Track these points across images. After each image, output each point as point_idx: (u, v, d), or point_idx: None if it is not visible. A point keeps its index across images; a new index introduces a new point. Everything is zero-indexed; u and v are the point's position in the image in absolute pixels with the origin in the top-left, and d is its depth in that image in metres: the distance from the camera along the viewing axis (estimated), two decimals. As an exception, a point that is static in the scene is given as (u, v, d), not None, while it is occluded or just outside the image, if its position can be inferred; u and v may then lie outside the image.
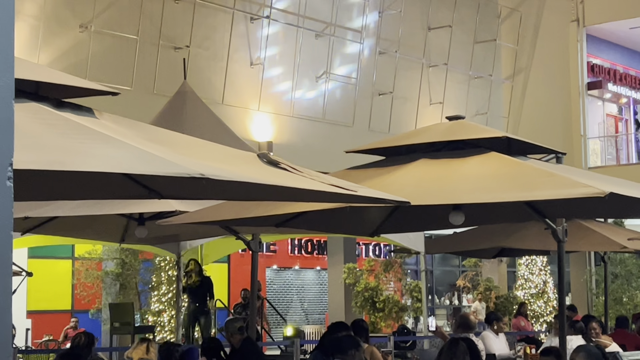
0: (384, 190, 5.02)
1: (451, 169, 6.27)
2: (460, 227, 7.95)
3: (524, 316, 18.93)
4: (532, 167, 6.14)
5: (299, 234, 16.54)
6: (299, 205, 6.08)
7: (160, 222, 7.50)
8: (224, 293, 22.77)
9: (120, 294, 19.15)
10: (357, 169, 6.81)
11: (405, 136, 7.62)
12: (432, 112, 22.98)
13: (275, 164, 4.34)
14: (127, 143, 3.76)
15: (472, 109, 24.20)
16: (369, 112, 21.89)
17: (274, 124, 19.91)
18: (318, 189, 4.21)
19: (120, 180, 5.06)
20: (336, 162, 12.02)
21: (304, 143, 20.19)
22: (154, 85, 17.51)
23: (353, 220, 7.79)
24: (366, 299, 20.97)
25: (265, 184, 4.00)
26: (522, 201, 6.39)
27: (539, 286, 23.75)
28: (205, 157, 4.23)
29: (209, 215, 6.79)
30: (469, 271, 24.89)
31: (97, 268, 19.73)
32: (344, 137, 20.31)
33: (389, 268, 21.88)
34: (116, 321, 15.95)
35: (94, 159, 3.54)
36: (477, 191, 5.92)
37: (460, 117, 7.06)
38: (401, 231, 10.45)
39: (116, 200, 7.81)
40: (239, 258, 23.51)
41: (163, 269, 17.80)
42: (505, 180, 6.00)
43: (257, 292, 20.20)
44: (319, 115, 20.90)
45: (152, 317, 17.53)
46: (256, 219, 6.68)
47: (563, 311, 7.55)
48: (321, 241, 26.29)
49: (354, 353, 6.63)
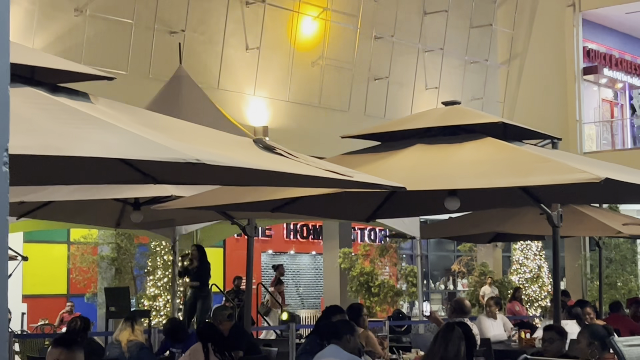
0: (380, 176, 5.02)
1: (447, 154, 6.27)
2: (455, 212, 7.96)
3: (518, 301, 18.99)
4: (528, 153, 6.14)
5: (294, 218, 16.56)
6: (295, 191, 6.08)
7: (155, 207, 7.50)
8: (220, 278, 22.79)
9: (115, 278, 19.17)
10: (353, 154, 6.80)
11: (401, 121, 7.62)
12: (427, 97, 22.97)
13: (270, 149, 4.34)
14: (122, 128, 3.75)
15: (468, 94, 24.19)
16: (365, 97, 21.87)
17: (270, 109, 19.89)
18: (314, 174, 4.21)
19: (115, 165, 5.05)
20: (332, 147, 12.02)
21: (299, 128, 20.17)
22: (150, 70, 17.47)
23: (349, 205, 7.80)
24: (361, 284, 21.01)
25: (261, 169, 3.99)
26: (518, 186, 6.40)
27: (533, 271, 23.81)
28: (201, 142, 4.23)
29: (204, 200, 6.79)
30: (464, 256, 24.93)
31: (93, 252, 19.74)
32: (339, 122, 20.30)
33: (385, 253, 21.91)
34: (112, 305, 15.96)
35: (90, 144, 3.54)
36: (472, 176, 5.92)
37: (456, 102, 7.06)
38: (397, 216, 10.46)
39: (112, 185, 7.80)
40: (234, 243, 23.53)
41: (159, 254, 17.81)
42: (501, 165, 6.00)
43: (278, 278, 20.23)
44: (315, 100, 20.88)
45: (147, 301, 17.55)
46: (252, 204, 6.68)
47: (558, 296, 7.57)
48: (317, 226, 26.32)
49: (349, 338, 6.64)
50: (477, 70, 25.06)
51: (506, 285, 23.15)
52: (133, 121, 4.09)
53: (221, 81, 18.90)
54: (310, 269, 27.46)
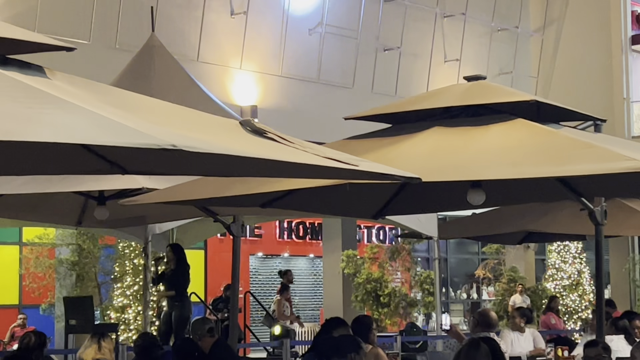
0: (391, 164, 5.02)
1: (470, 139, 6.27)
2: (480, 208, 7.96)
3: (554, 312, 19.03)
4: (566, 137, 6.14)
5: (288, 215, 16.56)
6: (289, 182, 6.08)
7: (124, 202, 7.50)
8: (200, 285, 22.81)
9: (77, 286, 19.18)
10: (358, 139, 6.80)
11: (416, 100, 7.62)
12: (447, 72, 22.95)
13: (260, 132, 4.34)
14: (84, 108, 3.75)
15: (495, 68, 24.17)
16: (372, 72, 21.86)
17: (259, 85, 19.88)
18: (311, 163, 4.21)
19: (76, 152, 5.05)
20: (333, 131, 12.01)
21: (294, 108, 20.17)
22: (116, 39, 17.45)
23: (353, 199, 7.80)
24: (368, 292, 21.04)
25: (248, 156, 3.99)
26: (554, 177, 6.40)
27: (572, 277, 23.84)
28: (178, 124, 4.22)
29: (182, 193, 6.79)
30: (489, 259, 24.95)
31: (50, 255, 19.74)
32: (342, 101, 20.29)
33: (396, 256, 21.93)
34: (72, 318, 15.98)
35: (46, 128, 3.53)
36: (500, 165, 5.93)
37: (480, 77, 7.06)
38: (410, 212, 10.47)
39: (72, 176, 7.80)
40: (217, 244, 23.55)
41: (128, 257, 17.80)
42: (534, 152, 6.00)
43: (286, 285, 20.26)
44: (313, 75, 20.86)
45: (114, 313, 17.56)
46: (238, 198, 6.68)
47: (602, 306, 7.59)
48: (315, 224, 26.34)
49: (353, 356, 6.65)
50: (505, 40, 25.03)
51: (540, 294, 23.18)
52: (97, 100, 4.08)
53: (201, 52, 18.88)
54: (307, 275, 27.49)
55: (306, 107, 20.34)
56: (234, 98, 19.23)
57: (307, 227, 26.88)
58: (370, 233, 27.22)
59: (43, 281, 19.75)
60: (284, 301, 20.11)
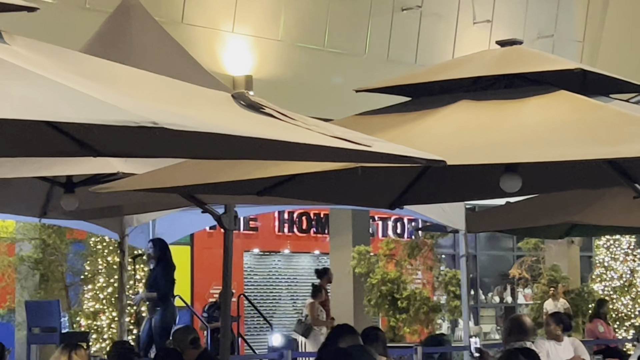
0: (410, 145, 5.03)
1: (503, 114, 6.27)
2: (515, 196, 7.96)
3: (603, 319, 19.06)
4: (617, 112, 6.14)
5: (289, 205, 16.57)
6: (290, 166, 6.08)
7: (96, 189, 7.50)
8: (186, 286, 22.86)
9: (41, 288, 19.22)
10: (372, 115, 6.81)
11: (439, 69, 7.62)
12: (476, 35, 22.93)
13: (256, 107, 4.34)
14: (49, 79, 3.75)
15: (533, 31, 24.14)
16: (388, 36, 21.84)
17: (255, 52, 19.87)
18: (317, 143, 4.21)
19: (40, 130, 5.06)
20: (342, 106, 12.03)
21: (296, 79, 20.16)
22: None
23: (366, 186, 7.81)
24: (384, 295, 21.07)
25: (242, 135, 4.00)
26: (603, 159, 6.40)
27: (624, 277, 23.85)
28: (159, 98, 4.23)
29: (164, 179, 6.80)
30: (526, 256, 24.97)
31: (9, 252, 19.78)
32: (352, 71, 20.29)
33: (416, 252, 21.96)
34: (35, 326, 16.02)
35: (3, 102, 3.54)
36: (539, 146, 5.93)
37: (516, 41, 7.06)
38: (433, 201, 10.48)
39: (35, 159, 7.81)
40: (205, 239, 23.59)
41: (100, 254, 17.85)
42: (579, 130, 6.00)
43: (323, 288, 20.32)
44: (318, 39, 20.85)
45: (85, 320, 17.60)
46: (230, 185, 6.69)
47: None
48: (321, 215, 26.37)
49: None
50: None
51: (585, 297, 23.22)
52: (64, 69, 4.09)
53: (187, 13, 18.87)
54: (311, 274, 27.51)
55: (310, 78, 20.34)
56: (225, 67, 19.24)
57: (311, 219, 26.91)
58: (385, 226, 27.25)
59: (1, 282, 19.80)
60: (317, 304, 20.08)
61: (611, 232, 19.23)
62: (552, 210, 11.36)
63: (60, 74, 3.90)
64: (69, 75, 3.92)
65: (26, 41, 4.37)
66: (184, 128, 3.67)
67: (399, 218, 26.58)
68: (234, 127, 4.00)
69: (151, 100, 4.03)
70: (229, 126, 3.98)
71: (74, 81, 3.82)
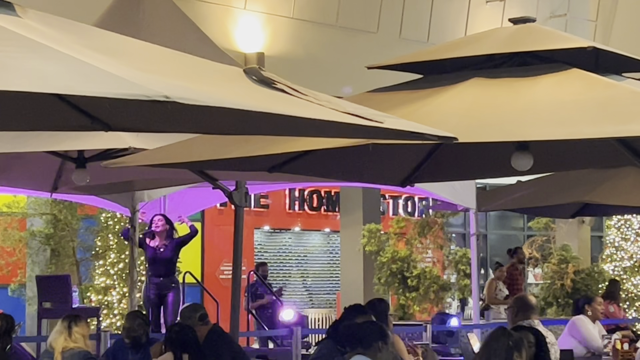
0: (421, 122, 5.03)
1: (515, 92, 6.27)
2: (526, 175, 7.95)
3: (614, 299, 19.02)
4: (629, 90, 6.13)
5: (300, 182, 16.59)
6: (302, 142, 6.08)
7: (107, 164, 7.52)
8: (197, 263, 22.90)
9: (52, 263, 19.25)
10: (383, 92, 6.80)
11: (452, 46, 7.61)
12: (489, 13, 22.86)
13: (268, 83, 4.34)
14: (61, 52, 3.75)
15: (546, 9, 24.06)
16: (401, 13, 21.78)
17: (267, 29, 19.84)
18: (328, 119, 4.21)
19: (52, 104, 5.06)
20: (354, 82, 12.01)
21: (308, 56, 20.13)
22: (99, -28, 17.43)
23: (377, 163, 7.81)
24: (394, 274, 21.07)
25: (254, 110, 4.00)
26: (615, 138, 6.39)
27: (635, 257, 23.81)
28: (171, 72, 4.23)
29: (175, 155, 6.81)
30: (537, 236, 24.92)
31: (20, 227, 19.82)
32: (364, 48, 20.24)
33: (426, 231, 21.94)
34: (46, 300, 16.05)
35: (15, 75, 3.54)
36: (551, 124, 5.92)
37: (529, 19, 7.05)
38: (444, 179, 10.47)
39: (46, 133, 7.82)
40: (216, 215, 23.61)
41: (111, 230, 17.87)
42: (591, 108, 6.00)
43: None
44: (331, 17, 20.81)
45: (95, 295, 17.64)
46: (241, 161, 6.69)
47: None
48: (332, 193, 26.37)
49: (380, 346, 6.68)
50: (558, -24, 24.92)
51: (596, 277, 23.18)
52: (76, 42, 4.08)
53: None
54: (322, 252, 27.55)
55: (322, 55, 20.30)
56: (237, 44, 19.22)
57: (322, 197, 26.90)
58: (396, 204, 27.22)
59: (12, 257, 19.84)
60: (496, 282, 19.93)
61: (622, 212, 19.21)
62: (563, 190, 11.36)
63: (72, 47, 3.90)
64: (80, 49, 3.93)
65: (39, 14, 4.37)
66: (195, 102, 3.67)
67: (409, 196, 26.54)
68: (245, 102, 4.00)
69: (163, 75, 4.03)
70: (241, 101, 3.98)
71: (85, 55, 3.82)
